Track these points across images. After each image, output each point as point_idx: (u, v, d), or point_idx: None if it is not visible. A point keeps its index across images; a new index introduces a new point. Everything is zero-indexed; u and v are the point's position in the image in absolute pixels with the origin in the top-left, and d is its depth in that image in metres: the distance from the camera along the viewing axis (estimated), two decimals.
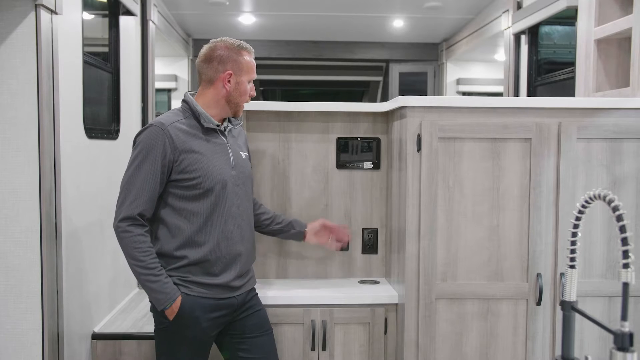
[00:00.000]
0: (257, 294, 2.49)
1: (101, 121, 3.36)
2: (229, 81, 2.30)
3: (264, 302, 2.55)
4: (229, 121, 2.40)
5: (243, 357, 2.37)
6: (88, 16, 3.21)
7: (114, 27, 3.55)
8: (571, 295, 1.29)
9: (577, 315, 1.30)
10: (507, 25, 4.69)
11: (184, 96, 2.35)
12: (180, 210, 2.25)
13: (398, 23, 6.03)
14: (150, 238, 2.25)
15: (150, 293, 2.21)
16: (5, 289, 2.43)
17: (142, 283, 2.20)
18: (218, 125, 2.32)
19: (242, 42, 2.36)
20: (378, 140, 2.92)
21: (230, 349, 2.40)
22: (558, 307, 2.46)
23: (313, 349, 2.63)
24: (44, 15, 2.41)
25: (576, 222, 1.26)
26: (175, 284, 2.23)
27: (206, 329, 2.27)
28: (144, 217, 2.22)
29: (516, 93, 4.59)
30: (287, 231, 2.65)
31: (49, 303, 2.46)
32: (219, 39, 2.37)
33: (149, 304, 2.34)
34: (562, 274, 2.46)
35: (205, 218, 2.24)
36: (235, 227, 2.32)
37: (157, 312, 2.25)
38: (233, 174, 2.31)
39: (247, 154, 2.47)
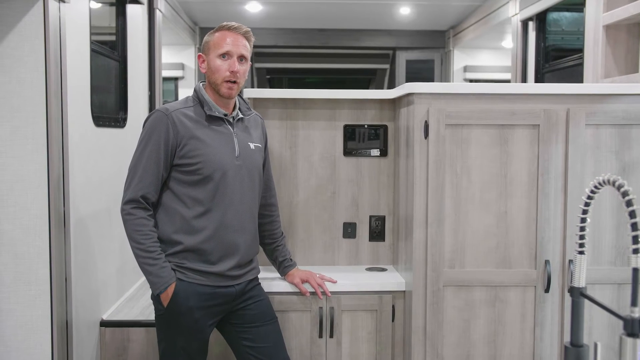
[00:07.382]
0: (259, 283, 2.47)
1: (109, 109, 3.37)
2: (202, 65, 2.35)
3: (271, 290, 2.56)
4: (240, 110, 2.40)
5: (247, 346, 2.36)
6: (95, 5, 3.21)
7: (121, 15, 3.55)
8: (580, 281, 1.28)
9: (586, 302, 1.29)
10: (514, 11, 4.67)
11: (195, 85, 2.38)
12: (180, 195, 2.26)
13: (405, 10, 6.00)
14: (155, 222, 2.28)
15: (147, 276, 2.23)
16: (14, 276, 2.45)
17: (140, 266, 2.23)
18: (226, 115, 2.32)
19: (228, 22, 2.33)
20: (385, 127, 2.91)
21: (233, 338, 2.40)
22: (566, 294, 2.45)
23: (320, 336, 2.64)
24: (52, 3, 2.41)
25: (585, 208, 1.26)
26: (172, 269, 2.24)
27: (200, 319, 2.26)
28: (147, 201, 2.24)
29: (524, 80, 4.57)
30: (272, 258, 2.64)
31: (57, 290, 2.48)
32: None
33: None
34: (570, 261, 2.45)
35: (204, 205, 2.25)
36: (236, 216, 2.30)
37: (155, 298, 2.27)
38: (237, 163, 2.30)
39: (259, 145, 2.43)
